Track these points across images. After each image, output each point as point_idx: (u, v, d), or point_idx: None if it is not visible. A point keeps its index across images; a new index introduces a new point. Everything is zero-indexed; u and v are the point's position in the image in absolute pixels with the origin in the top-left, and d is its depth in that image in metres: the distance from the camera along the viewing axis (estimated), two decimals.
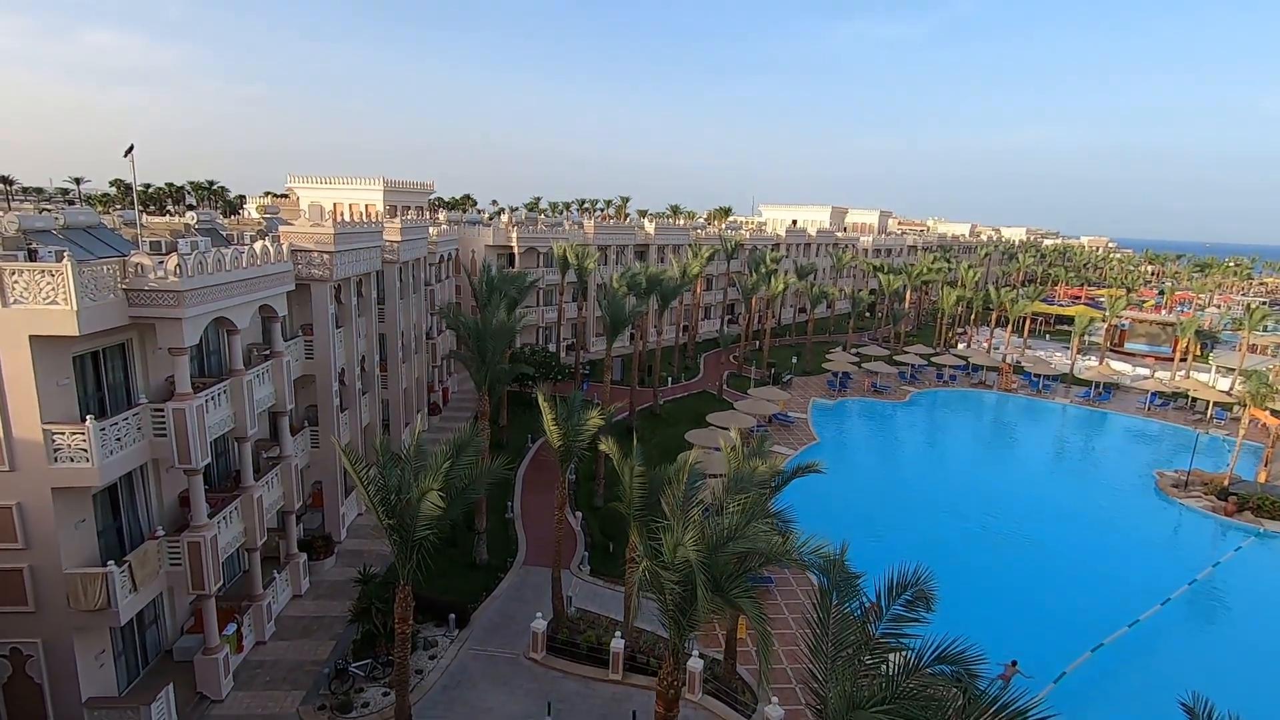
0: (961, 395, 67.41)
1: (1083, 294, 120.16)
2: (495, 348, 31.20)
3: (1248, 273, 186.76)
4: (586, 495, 37.61)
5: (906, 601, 12.93)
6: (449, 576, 28.41)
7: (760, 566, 17.56)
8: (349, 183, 63.36)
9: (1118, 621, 29.47)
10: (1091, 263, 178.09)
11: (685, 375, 64.48)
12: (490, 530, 31.91)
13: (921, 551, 34.29)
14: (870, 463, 50.20)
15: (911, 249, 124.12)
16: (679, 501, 17.80)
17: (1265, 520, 39.88)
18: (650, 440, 44.75)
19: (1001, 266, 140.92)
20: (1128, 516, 41.84)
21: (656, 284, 52.88)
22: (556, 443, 24.46)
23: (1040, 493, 45.56)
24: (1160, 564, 35.45)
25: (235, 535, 22.25)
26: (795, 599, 29.03)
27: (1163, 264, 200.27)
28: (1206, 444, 50.57)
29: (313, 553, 28.64)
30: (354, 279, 32.42)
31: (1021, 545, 37.20)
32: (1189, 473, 45.55)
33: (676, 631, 16.00)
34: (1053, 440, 57.96)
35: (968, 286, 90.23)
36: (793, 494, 26.12)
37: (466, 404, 51.99)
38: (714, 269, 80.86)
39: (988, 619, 29.08)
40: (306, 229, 28.84)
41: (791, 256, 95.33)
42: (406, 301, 41.54)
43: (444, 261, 53.89)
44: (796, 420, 53.75)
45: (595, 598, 28.29)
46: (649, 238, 75.65)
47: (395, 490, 17.70)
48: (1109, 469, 50.37)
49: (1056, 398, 66.05)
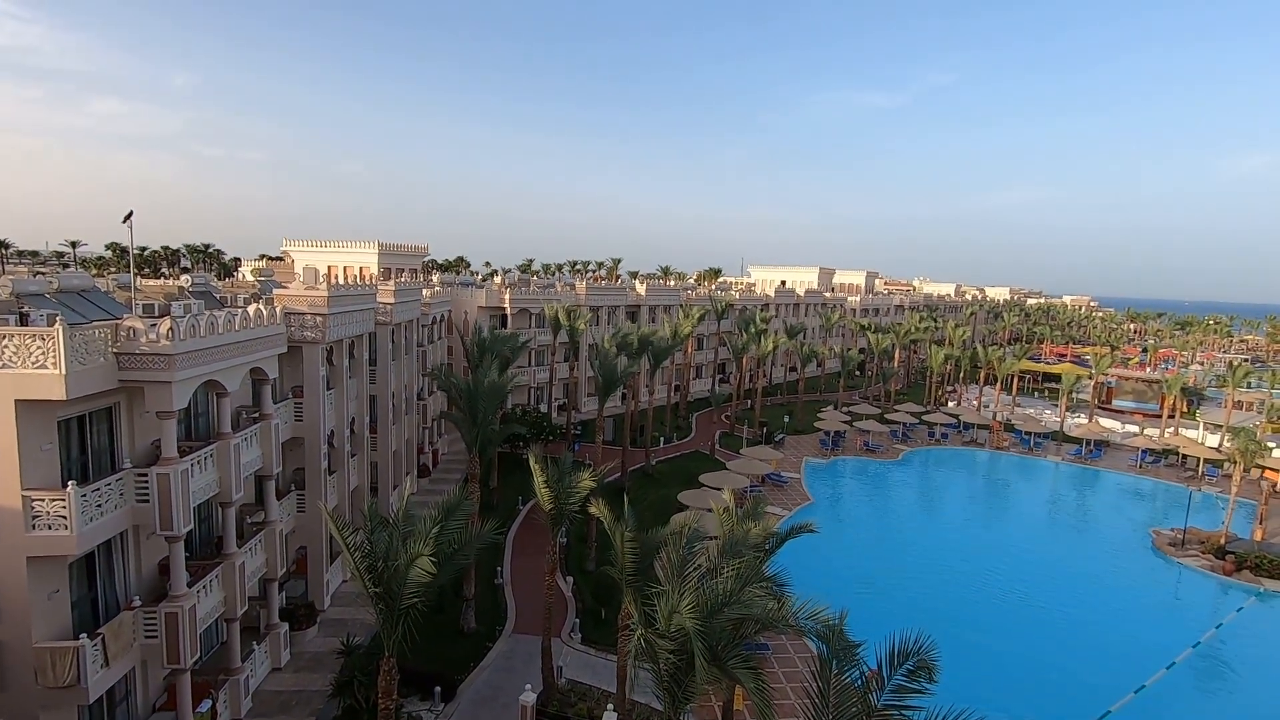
0: (954, 453, 67.29)
1: (1068, 352, 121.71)
2: (486, 408, 31.06)
3: (1227, 330, 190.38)
4: (578, 559, 36.81)
5: (908, 671, 12.57)
6: (435, 645, 27.44)
7: (756, 633, 17.11)
8: (344, 245, 64.23)
9: (1123, 687, 28.70)
10: (1075, 321, 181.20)
11: (678, 435, 64.20)
12: (478, 596, 31.04)
13: (919, 612, 33.98)
14: (866, 522, 49.58)
15: (898, 308, 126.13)
16: (674, 566, 17.44)
17: (1264, 579, 39.43)
18: (643, 501, 44.17)
19: (987, 325, 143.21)
20: (1126, 576, 41.27)
21: (648, 344, 53.27)
22: (548, 505, 24.11)
23: (1037, 552, 44.97)
24: (1162, 626, 34.79)
25: (215, 605, 21.54)
26: (793, 666, 28.17)
27: (1144, 322, 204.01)
28: (1200, 501, 50.40)
29: (294, 622, 27.67)
30: (346, 341, 32.52)
31: (1020, 606, 36.49)
32: (1185, 531, 45.24)
33: (671, 704, 15.43)
34: (1047, 498, 57.61)
35: (955, 345, 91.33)
36: (789, 555, 25.67)
37: (457, 465, 51.34)
38: (705, 329, 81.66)
39: (989, 683, 28.43)
40: (300, 291, 29.08)
41: (781, 316, 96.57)
42: (398, 363, 41.55)
43: (437, 323, 54.20)
44: (790, 480, 53.31)
45: (587, 667, 27.33)
46: (640, 298, 76.62)
47: (382, 556, 17.29)
48: (1105, 527, 49.95)
49: (1048, 455, 66.05)
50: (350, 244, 64.22)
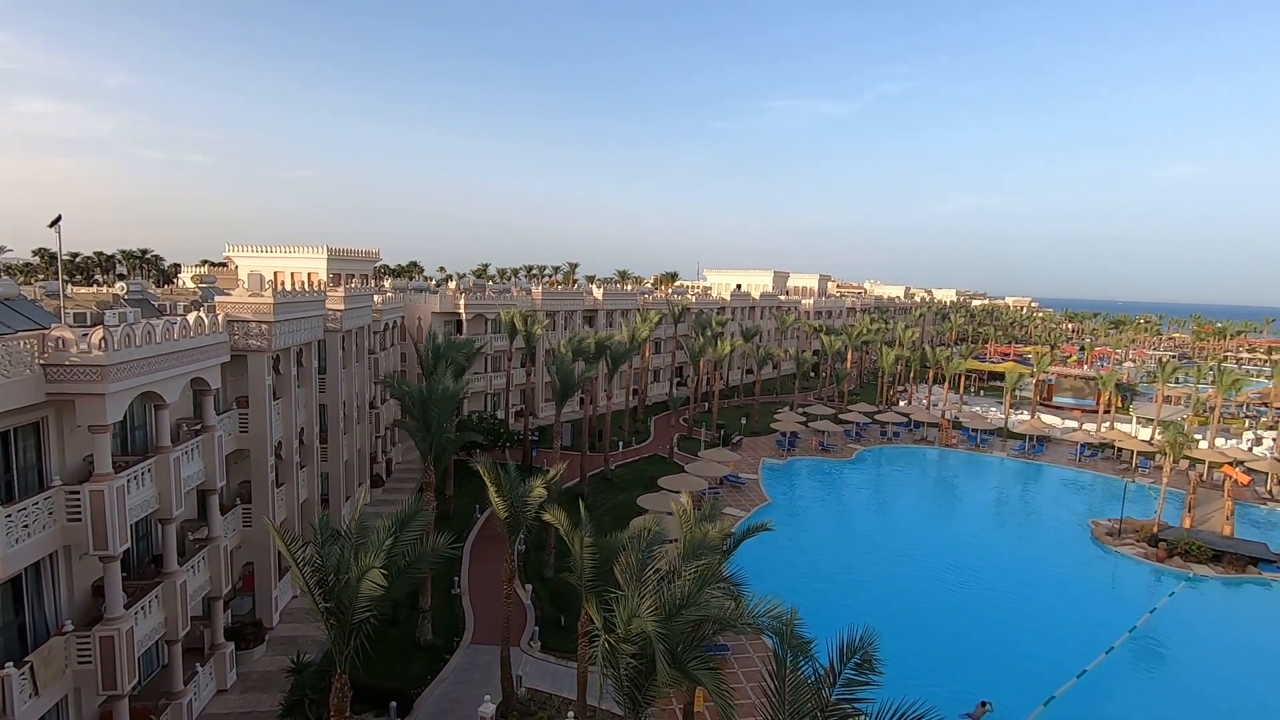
0: (905, 451, 69.06)
1: (1011, 351, 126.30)
2: (441, 416, 30.59)
3: (1156, 329, 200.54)
4: (536, 566, 36.50)
5: (856, 665, 12.84)
6: (390, 660, 26.88)
7: (715, 634, 17.24)
8: (291, 251, 62.40)
9: (1066, 672, 29.89)
10: (1017, 321, 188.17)
11: (636, 439, 64.27)
12: (435, 607, 30.50)
13: (875, 605, 34.80)
14: (822, 520, 50.47)
15: (851, 311, 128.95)
16: (633, 570, 17.45)
17: (1194, 565, 41.56)
18: (602, 506, 44.16)
19: (935, 326, 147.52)
20: (1068, 566, 43.00)
21: (605, 348, 53.23)
22: (503, 514, 23.86)
23: (985, 544, 46.48)
24: (1101, 612, 36.30)
25: (154, 626, 20.63)
26: (752, 666, 28.42)
27: (1081, 322, 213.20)
28: (1134, 492, 52.80)
29: (241, 641, 26.70)
30: (294, 349, 31.61)
31: (970, 597, 37.63)
32: (1121, 521, 47.38)
33: (632, 708, 15.42)
34: (993, 493, 59.61)
35: (905, 346, 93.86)
36: (748, 555, 25.99)
37: (412, 475, 50.39)
38: (662, 333, 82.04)
39: (943, 671, 29.40)
40: (244, 299, 28.17)
41: (737, 319, 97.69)
42: (349, 370, 40.60)
43: (389, 329, 53.15)
44: (748, 481, 53.90)
45: (547, 675, 27.10)
46: (597, 303, 76.55)
47: (334, 570, 16.84)
48: (1047, 519, 51.93)
49: (994, 451, 68.37)
50: (298, 249, 62.41)
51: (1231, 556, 41.72)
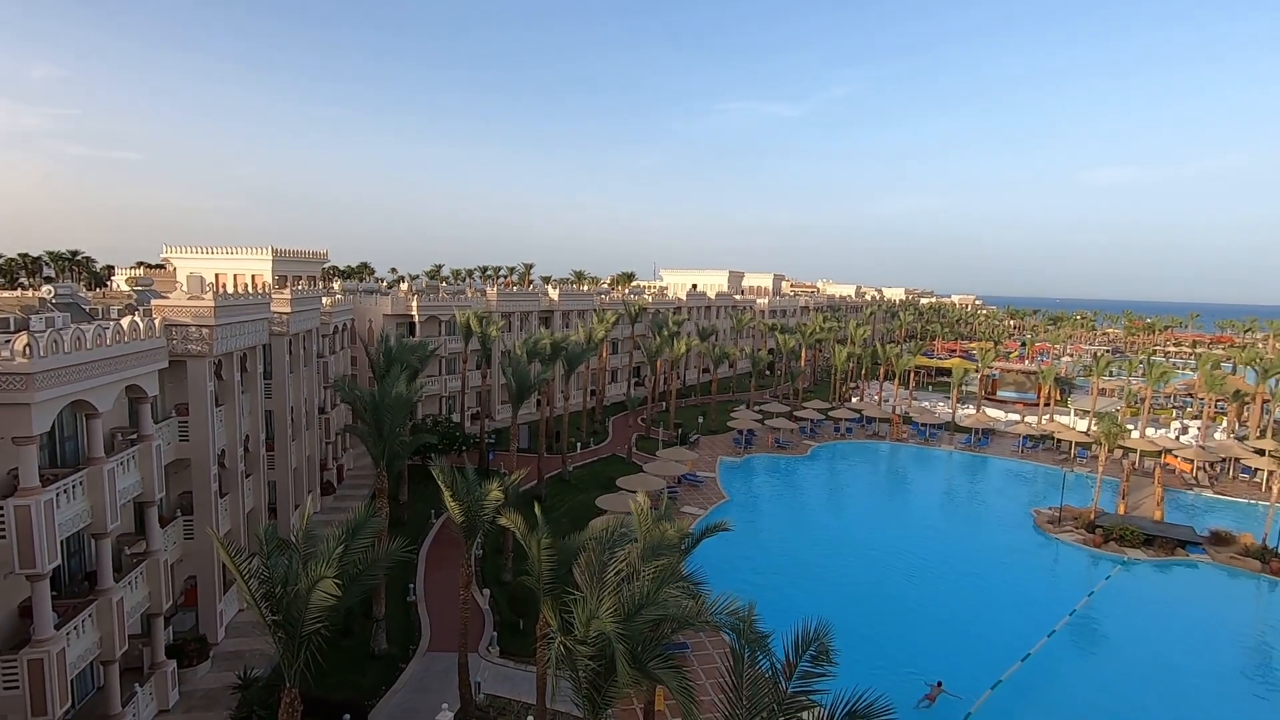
0: (858, 446, 70.65)
1: (957, 348, 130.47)
2: (393, 420, 29.95)
3: (1091, 325, 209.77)
4: (494, 570, 36.08)
5: (812, 657, 13.08)
6: (343, 671, 26.20)
7: (674, 633, 17.33)
8: (233, 252, 60.19)
9: (1012, 655, 31.04)
10: (963, 319, 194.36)
11: (594, 440, 64.12)
12: (390, 616, 29.85)
13: (832, 598, 35.56)
14: (779, 516, 51.25)
15: (804, 309, 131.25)
16: (592, 571, 17.40)
17: (1128, 549, 43.63)
18: (560, 508, 43.93)
19: (885, 324, 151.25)
20: (1012, 553, 44.64)
21: (562, 349, 52.96)
22: (459, 518, 23.48)
23: (935, 535, 47.92)
24: (1044, 597, 37.80)
25: (89, 647, 19.66)
26: (712, 662, 28.67)
27: (1022, 318, 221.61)
28: (1073, 481, 55.16)
29: (184, 658, 25.64)
30: (237, 353, 30.52)
31: (921, 586, 38.72)
32: (1061, 509, 49.42)
33: (591, 710, 15.37)
34: (942, 485, 61.49)
35: (857, 344, 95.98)
36: (707, 553, 26.19)
37: (364, 481, 49.20)
38: (619, 333, 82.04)
39: (899, 657, 30.29)
40: (183, 302, 27.08)
41: (693, 319, 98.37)
42: (296, 375, 39.41)
43: (339, 332, 51.81)
44: (705, 480, 54.33)
45: (506, 681, 26.81)
46: (553, 304, 76.11)
47: (281, 581, 16.32)
48: (993, 509, 53.84)
49: (942, 445, 70.50)
50: (241, 250, 60.24)
51: (1162, 540, 43.96)
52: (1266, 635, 35.79)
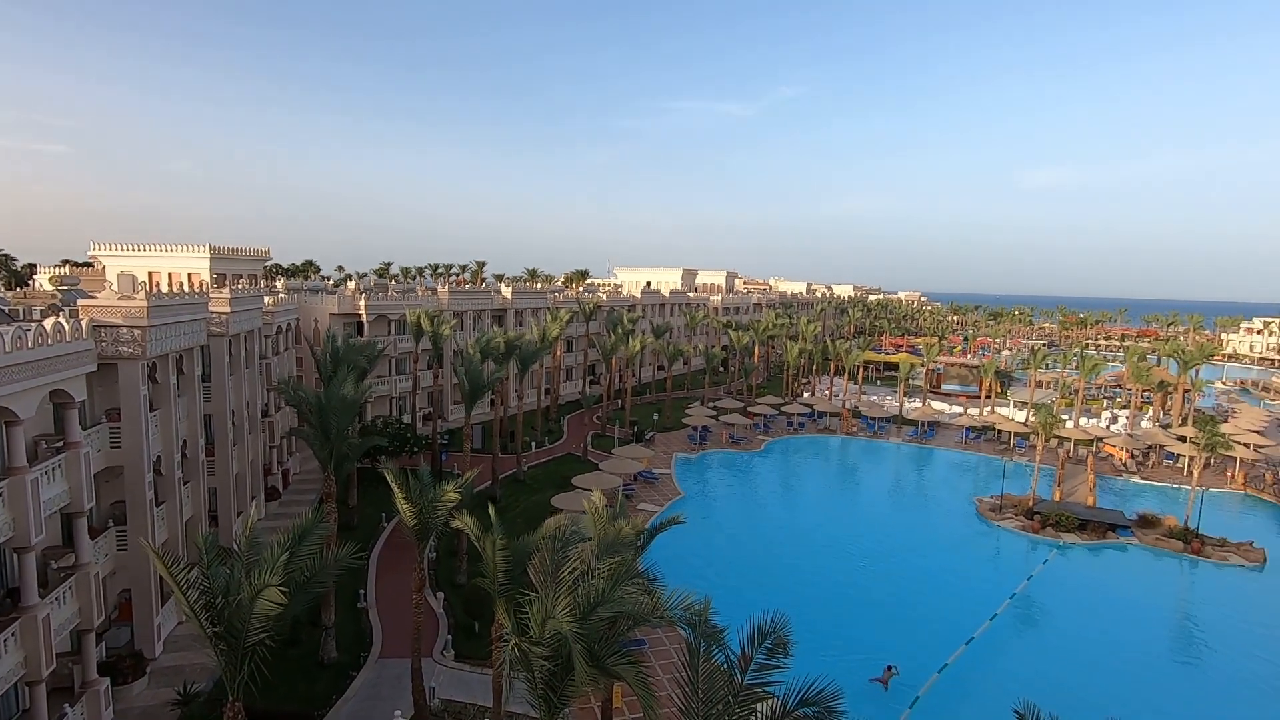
0: (810, 440, 72.05)
1: (904, 343, 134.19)
2: (341, 422, 29.15)
3: (1028, 319, 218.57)
4: (448, 573, 35.53)
5: (768, 649, 13.29)
6: (291, 682, 25.43)
7: (630, 630, 17.37)
8: (169, 249, 57.56)
9: (957, 639, 32.18)
10: (909, 314, 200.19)
11: (549, 439, 63.73)
12: (340, 623, 29.12)
13: (787, 589, 36.21)
14: (734, 510, 51.88)
15: (757, 306, 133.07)
16: (547, 571, 17.29)
17: (1063, 534, 45.69)
18: (515, 508, 43.55)
19: (835, 320, 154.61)
20: (957, 541, 46.24)
21: (515, 348, 52.45)
22: (411, 521, 23.04)
23: (884, 525, 49.28)
24: (986, 582, 39.25)
25: (12, 667, 18.56)
26: (669, 658, 28.85)
27: (964, 314, 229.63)
28: (1013, 470, 57.43)
29: (119, 675, 24.47)
30: (173, 355, 29.25)
31: (873, 574, 39.75)
32: (1001, 497, 51.41)
33: (548, 711, 15.29)
34: (890, 476, 63.23)
35: (808, 340, 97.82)
36: (663, 549, 26.35)
37: (311, 485, 47.79)
38: (573, 331, 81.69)
39: (852, 644, 31.09)
40: (113, 301, 25.80)
41: (648, 317, 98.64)
42: (238, 377, 38.02)
43: (282, 333, 50.15)
44: (661, 476, 54.60)
45: (461, 685, 26.45)
46: (507, 302, 75.29)
47: (223, 592, 15.73)
48: (938, 499, 55.65)
49: (890, 437, 72.50)
50: (177, 247, 57.66)
51: (1094, 524, 46.19)
52: (1188, 611, 38.03)
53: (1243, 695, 29.18)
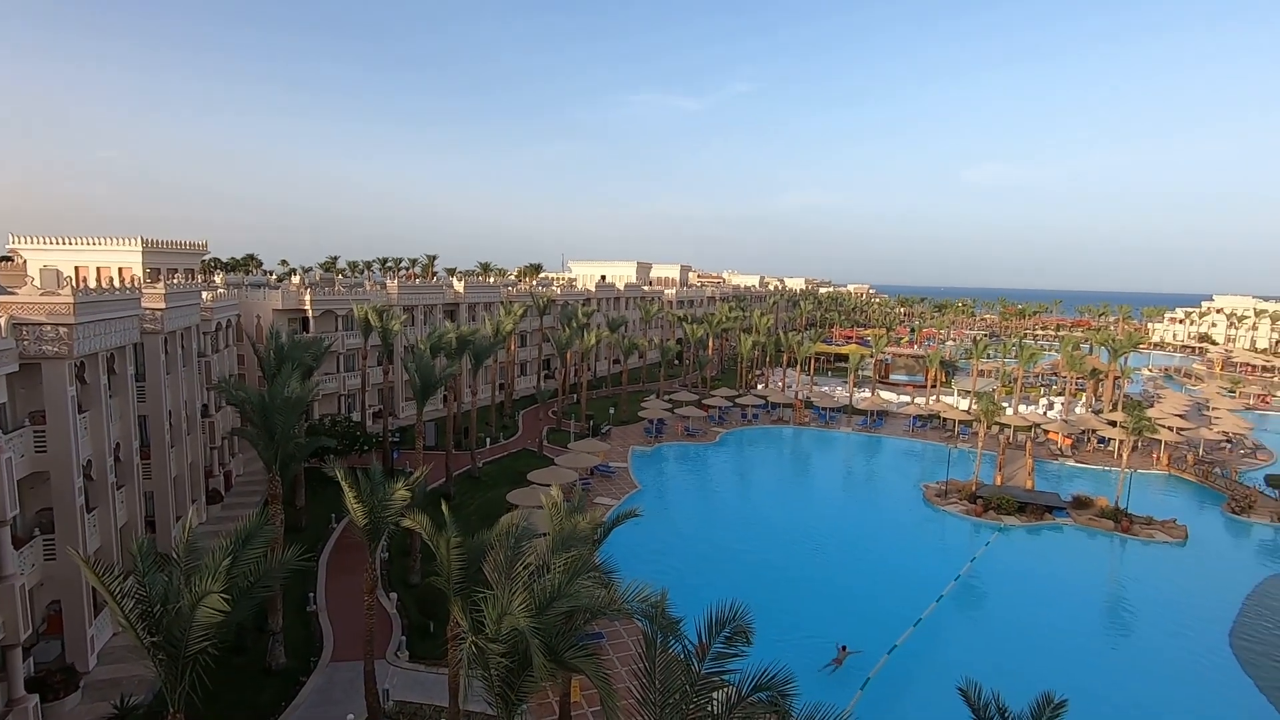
0: (764, 431, 73.18)
1: (854, 334, 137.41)
2: (286, 422, 28.22)
3: (971, 311, 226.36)
4: (401, 573, 34.88)
5: (726, 638, 13.46)
6: (237, 690, 24.63)
7: (587, 624, 17.38)
8: (97, 243, 54.58)
9: (906, 620, 33.26)
10: (858, 307, 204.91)
11: (504, 434, 63.06)
12: (288, 628, 28.28)
13: (744, 577, 36.79)
14: (691, 501, 52.35)
15: (711, 300, 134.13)
16: (503, 567, 17.13)
17: (1004, 517, 47.60)
18: (470, 505, 43.03)
19: (788, 313, 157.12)
20: (905, 526, 47.74)
21: (468, 343, 51.68)
22: (362, 521, 22.51)
23: (836, 512, 50.56)
24: (933, 565, 40.62)
25: None
26: (627, 650, 28.96)
27: (911, 306, 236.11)
28: (957, 456, 59.52)
29: (48, 691, 23.26)
30: (103, 354, 27.84)
31: (826, 560, 40.76)
32: (947, 483, 53.23)
33: (505, 708, 15.19)
34: (841, 465, 64.74)
35: (761, 332, 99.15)
36: (620, 542, 26.45)
37: (256, 487, 46.21)
38: (527, 325, 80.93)
39: (807, 628, 31.80)
40: (35, 298, 24.40)
41: (602, 310, 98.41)
42: (175, 376, 36.45)
43: (222, 329, 48.27)
44: (618, 470, 54.67)
45: (417, 685, 26.03)
46: (459, 296, 74.06)
47: (160, 600, 15.09)
48: (887, 485, 57.28)
49: (841, 427, 74.20)
50: (105, 241, 54.74)
51: (1033, 507, 48.28)
52: (1118, 588, 40.13)
53: (1165, 665, 31.01)
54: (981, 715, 14.16)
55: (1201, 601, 36.69)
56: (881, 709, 26.04)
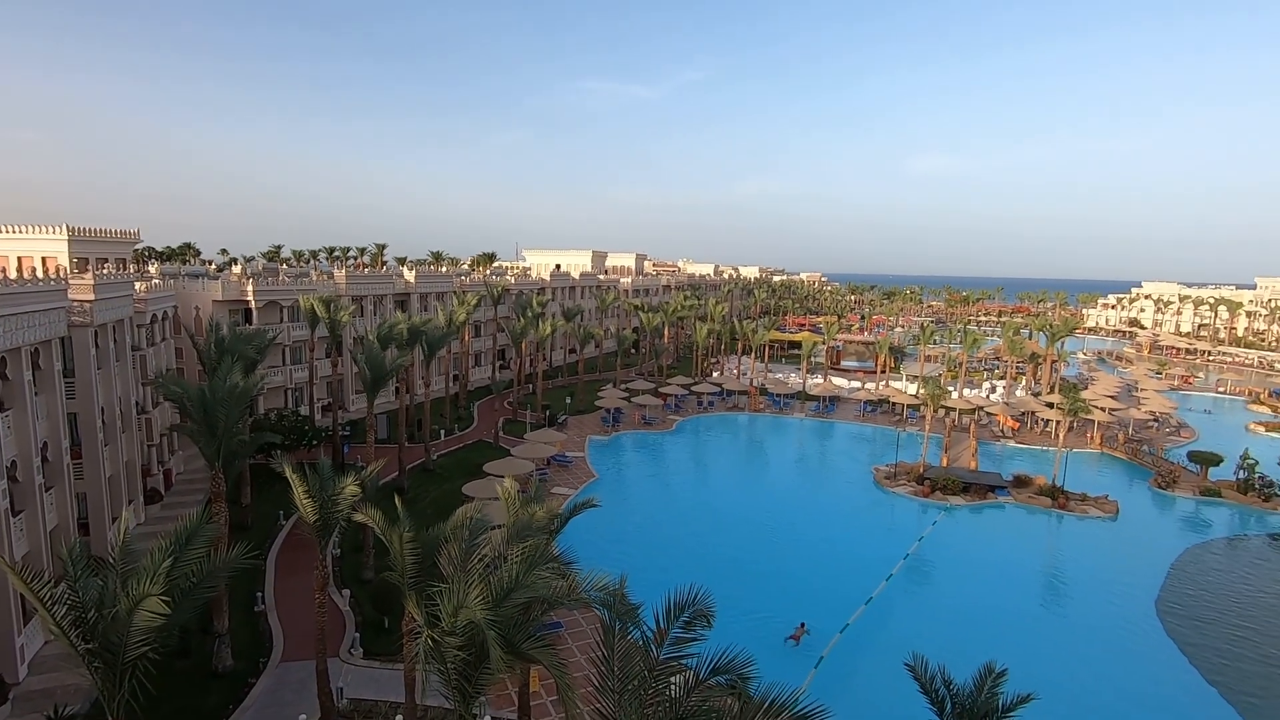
0: (719, 419, 74.01)
1: (806, 322, 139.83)
2: (228, 417, 27.20)
3: (918, 298, 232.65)
4: (354, 569, 34.17)
5: (685, 622, 13.58)
6: (182, 695, 23.81)
7: (545, 614, 17.34)
8: (16, 231, 51.42)
9: (858, 600, 34.23)
10: (811, 295, 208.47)
11: (459, 426, 62.20)
12: (235, 629, 27.45)
13: (702, 562, 37.27)
14: (649, 489, 52.66)
15: (666, 288, 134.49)
16: (458, 560, 16.92)
17: (950, 497, 49.32)
18: (425, 498, 42.42)
19: (742, 301, 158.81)
20: (856, 508, 49.04)
21: (420, 334, 50.71)
22: (312, 517, 21.91)
23: (790, 496, 51.59)
24: (883, 545, 41.86)
25: None
26: (586, 639, 29.05)
27: (861, 294, 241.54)
28: (906, 440, 61.29)
29: None
30: (26, 349, 26.33)
31: (781, 542, 41.61)
32: (896, 465, 54.82)
33: (462, 701, 15.05)
34: (795, 450, 66.02)
35: (716, 320, 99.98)
36: (579, 531, 26.41)
37: (198, 485, 44.50)
38: (482, 315, 79.81)
39: (764, 609, 32.44)
40: None
41: (558, 300, 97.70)
42: (107, 371, 34.75)
43: (158, 321, 46.15)
44: (575, 459, 54.55)
45: (372, 682, 25.60)
46: (410, 286, 72.47)
47: (95, 605, 14.42)
48: (839, 469, 58.70)
49: (795, 413, 75.58)
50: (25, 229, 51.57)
51: (976, 487, 50.14)
52: (1055, 561, 42.09)
53: (1098, 632, 32.71)
54: (928, 688, 14.69)
55: (1131, 572, 38.79)
56: (835, 686, 26.74)
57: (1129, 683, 28.70)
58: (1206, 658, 30.64)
